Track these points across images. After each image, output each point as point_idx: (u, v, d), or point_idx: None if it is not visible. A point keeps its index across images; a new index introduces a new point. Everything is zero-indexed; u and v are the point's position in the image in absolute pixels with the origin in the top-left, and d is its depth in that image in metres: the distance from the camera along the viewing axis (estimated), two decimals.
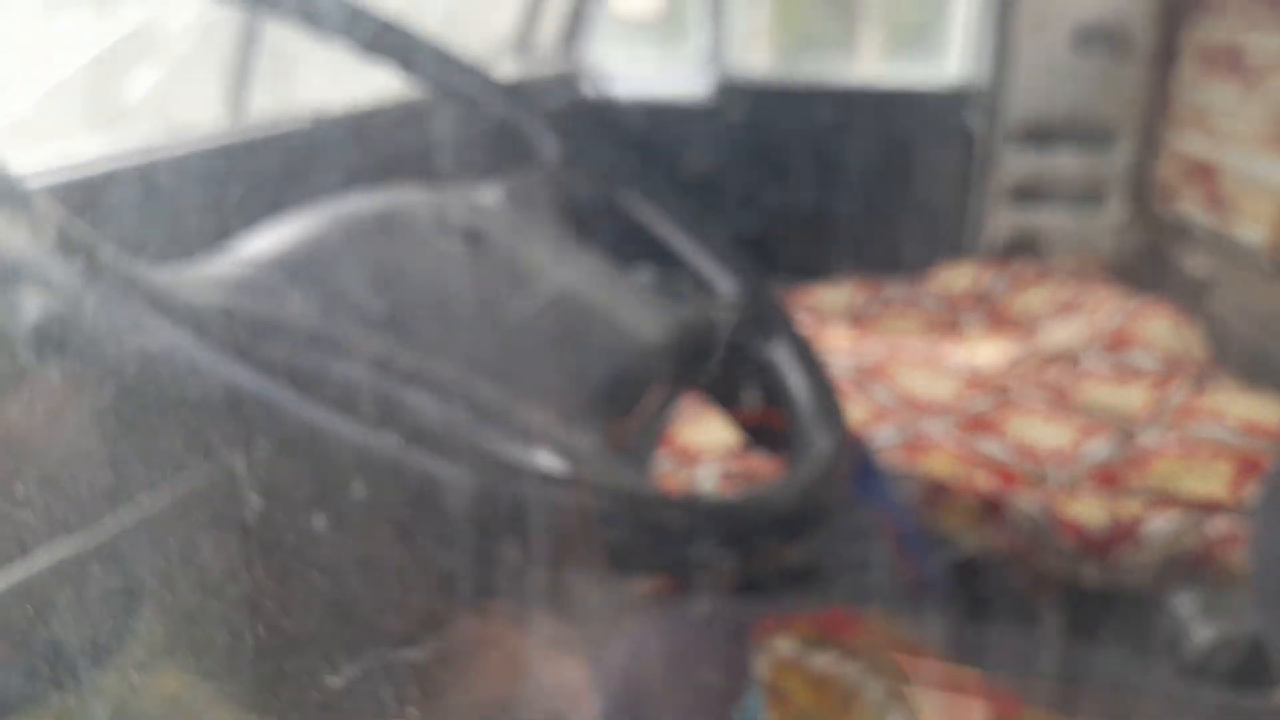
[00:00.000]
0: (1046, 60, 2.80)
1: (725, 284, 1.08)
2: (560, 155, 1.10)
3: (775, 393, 1.01)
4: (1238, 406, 1.91)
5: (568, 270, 0.87)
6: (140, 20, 1.64)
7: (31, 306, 0.50)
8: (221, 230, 1.09)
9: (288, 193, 1.30)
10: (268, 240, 0.71)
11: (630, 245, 1.08)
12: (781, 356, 1.03)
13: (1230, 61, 2.44)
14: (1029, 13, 2.78)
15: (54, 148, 1.13)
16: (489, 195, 0.92)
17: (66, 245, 0.43)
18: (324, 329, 0.60)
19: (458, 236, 0.80)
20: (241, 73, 1.64)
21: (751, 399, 1.05)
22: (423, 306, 0.71)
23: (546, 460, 0.63)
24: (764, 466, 1.46)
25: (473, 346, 0.71)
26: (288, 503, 0.50)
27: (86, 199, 1.03)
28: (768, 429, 1.04)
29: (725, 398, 1.10)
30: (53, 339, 0.44)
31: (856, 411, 1.91)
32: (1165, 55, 2.72)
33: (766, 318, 1.05)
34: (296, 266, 0.66)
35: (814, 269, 2.85)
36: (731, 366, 1.03)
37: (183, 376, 0.44)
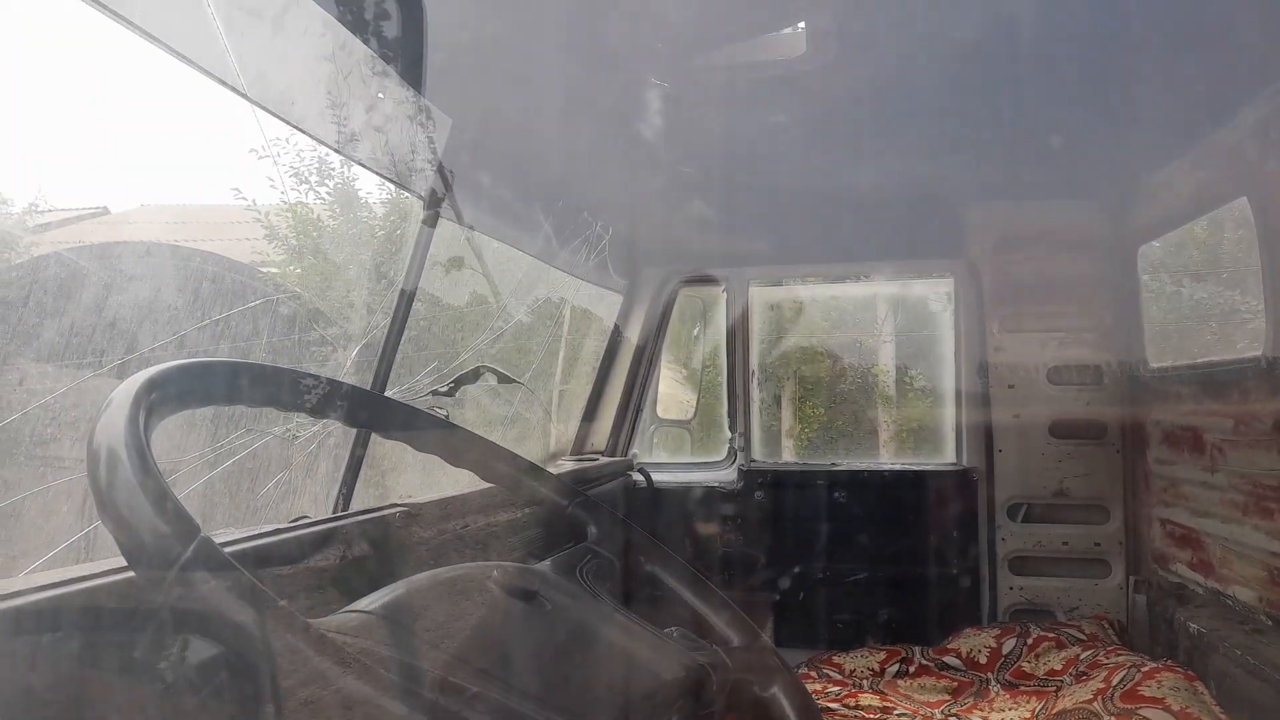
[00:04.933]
0: (1029, 447, 3.21)
1: (733, 637, 1.36)
2: (602, 534, 1.45)
3: None
4: None
5: (601, 622, 1.18)
6: (273, 435, 2.11)
7: (201, 648, 0.81)
8: (341, 591, 1.43)
9: (391, 559, 1.64)
10: (379, 599, 1.02)
11: (661, 606, 1.38)
12: (777, 695, 1.28)
13: (1192, 442, 2.78)
14: (1009, 411, 3.24)
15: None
16: (542, 565, 1.25)
17: (250, 597, 0.74)
18: (415, 663, 0.90)
19: (516, 595, 1.11)
20: (350, 473, 2.07)
21: None
22: (486, 647, 1.01)
23: None
24: None
25: (524, 677, 1.00)
26: None
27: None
28: None
29: None
30: (214, 670, 0.73)
31: None
32: (1136, 439, 3.11)
33: (766, 665, 1.32)
34: (400, 616, 0.98)
35: (839, 636, 3.07)
36: (736, 702, 1.27)
37: (326, 694, 0.74)
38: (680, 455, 3.73)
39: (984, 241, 3.24)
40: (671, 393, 3.85)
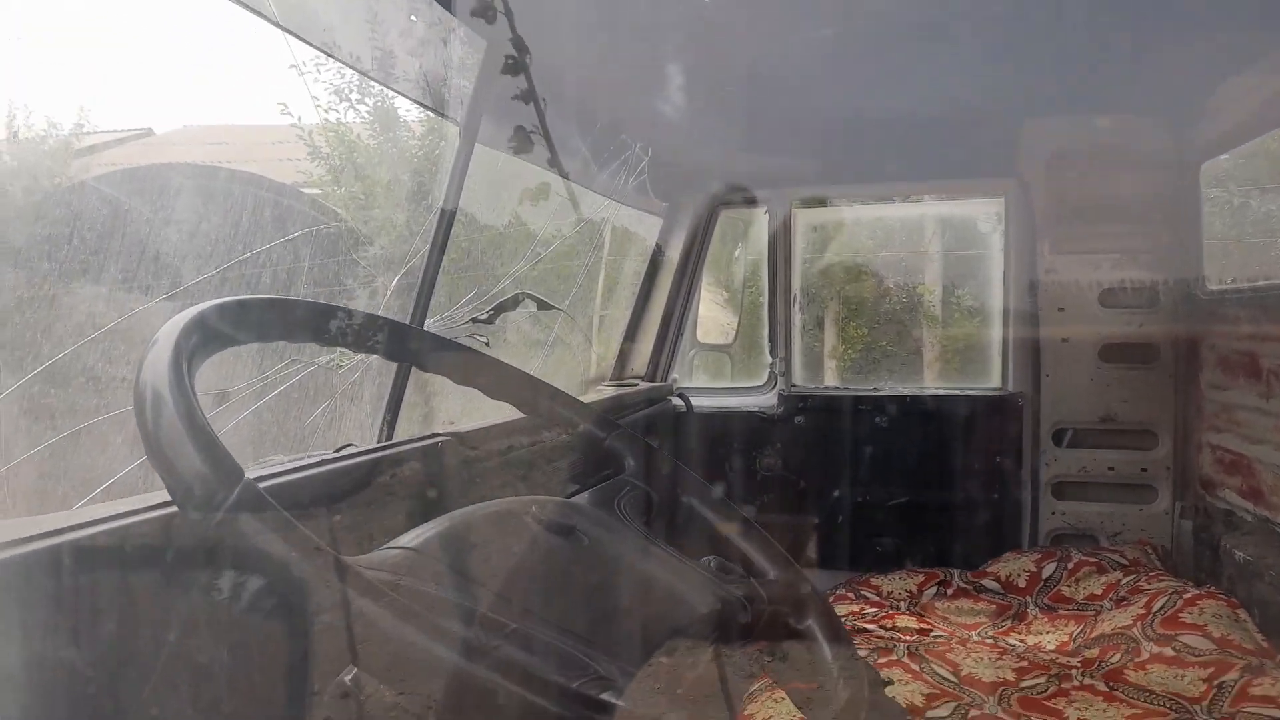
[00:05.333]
0: (1078, 372, 3.15)
1: (769, 569, 1.38)
2: (639, 467, 1.46)
3: (809, 654, 1.27)
4: None
5: (638, 556, 1.19)
6: (317, 365, 2.15)
7: (252, 583, 0.84)
8: (384, 520, 1.46)
9: (433, 489, 1.68)
10: (420, 535, 1.05)
11: (698, 536, 1.40)
12: (811, 627, 1.29)
13: (1248, 367, 2.71)
14: (1058, 334, 3.16)
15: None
16: (580, 498, 1.27)
17: (292, 538, 0.76)
18: (454, 599, 0.93)
19: (554, 530, 1.13)
20: (393, 403, 2.10)
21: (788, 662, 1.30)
22: (525, 582, 1.03)
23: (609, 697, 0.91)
24: None
25: (563, 612, 1.02)
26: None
27: (280, 496, 1.39)
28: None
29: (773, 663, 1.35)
30: (262, 608, 0.76)
31: (917, 690, 2.06)
32: (1190, 363, 3.03)
33: (801, 597, 1.33)
34: (439, 553, 1.00)
35: (878, 559, 3.10)
36: (771, 634, 1.29)
37: (366, 631, 0.76)
38: (720, 380, 3.72)
39: (1037, 159, 3.12)
40: (712, 316, 3.83)
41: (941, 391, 3.39)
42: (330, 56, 1.63)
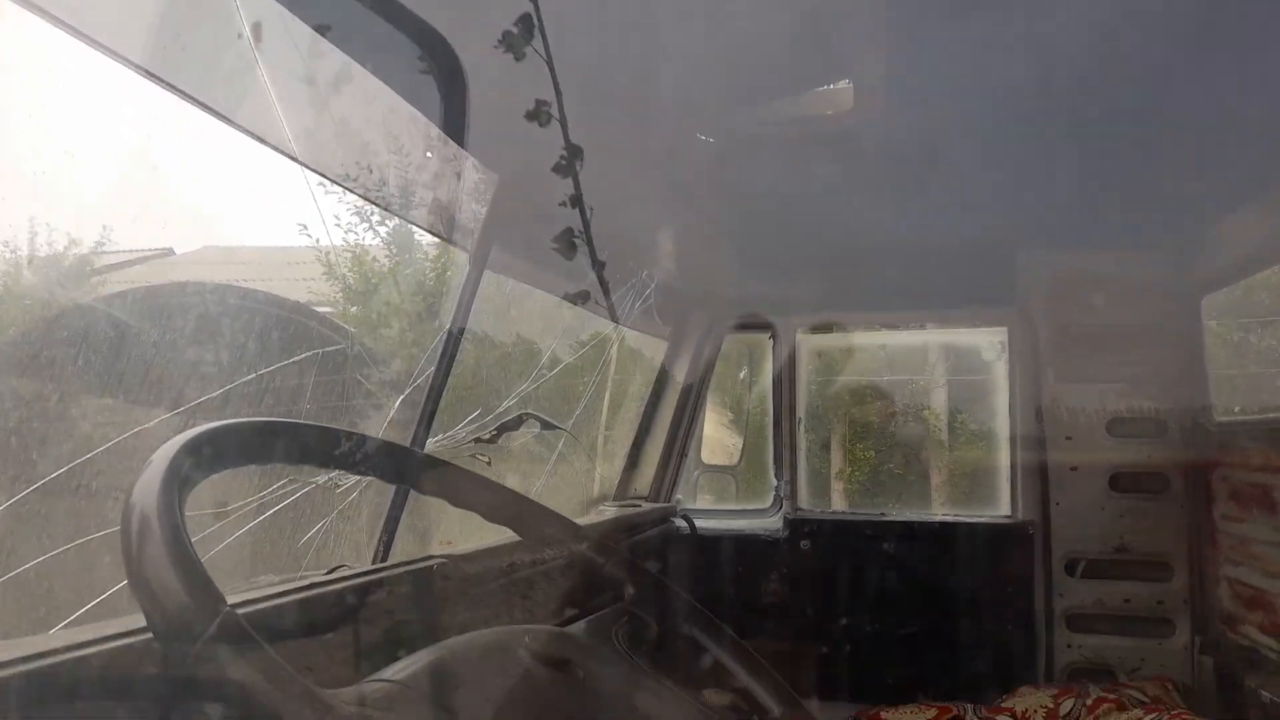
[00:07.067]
0: (1087, 500, 3.10)
1: (773, 706, 1.32)
2: (639, 595, 1.42)
3: None
4: None
5: (636, 691, 1.15)
6: (315, 484, 2.13)
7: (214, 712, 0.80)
8: (374, 647, 1.42)
9: (425, 614, 1.64)
10: (406, 667, 1.01)
11: (698, 667, 1.35)
12: None
13: (1261, 500, 2.66)
14: (1067, 462, 3.14)
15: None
16: (576, 629, 1.23)
17: (271, 674, 0.73)
18: None
19: (548, 663, 1.09)
20: (390, 522, 2.08)
21: None
22: (517, 719, 1.00)
23: None
24: None
25: None
26: None
27: (266, 623, 1.35)
28: None
29: None
30: None
31: None
32: (1202, 494, 2.98)
33: None
34: (426, 688, 0.97)
35: (888, 690, 2.97)
36: None
37: None
38: (725, 501, 3.68)
39: (1038, 290, 3.17)
40: (717, 437, 3.81)
41: (950, 519, 3.33)
42: (352, 192, 1.69)
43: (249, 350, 1.99)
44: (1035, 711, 2.78)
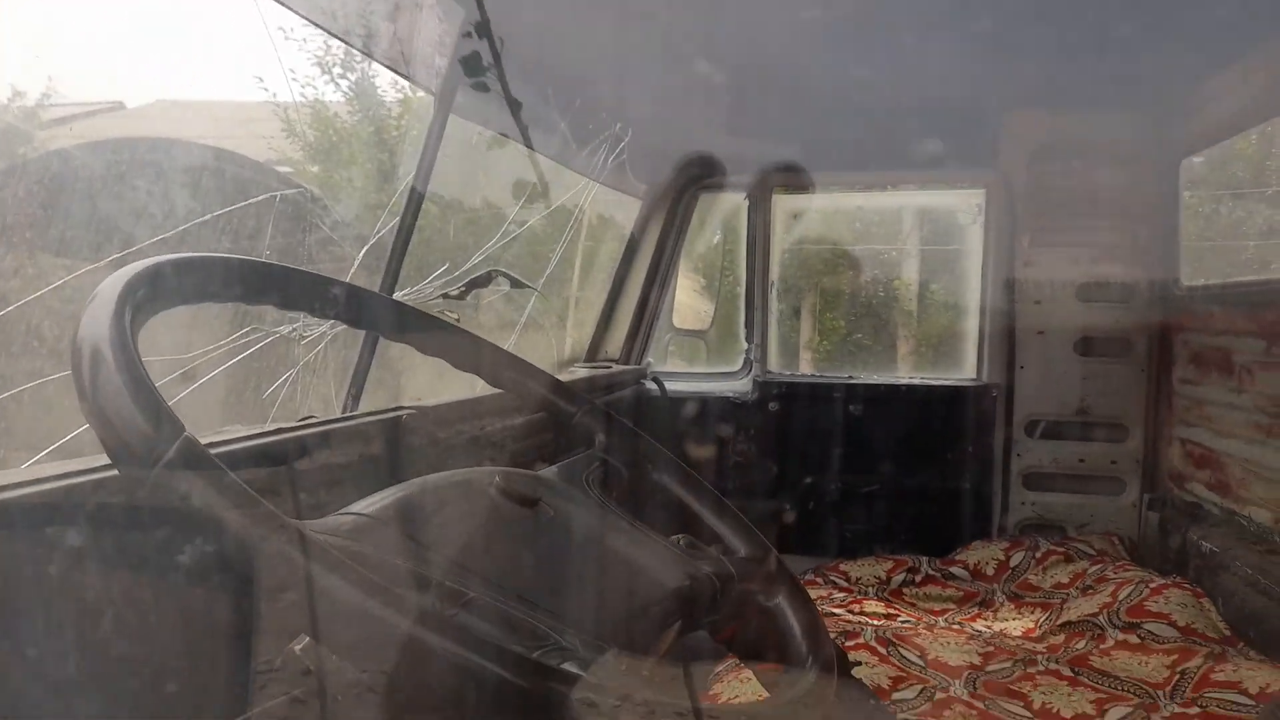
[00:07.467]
0: (1052, 364, 3.15)
1: (740, 547, 1.35)
2: (609, 442, 1.43)
3: (778, 633, 1.25)
4: (1255, 677, 2.00)
5: (605, 530, 1.16)
6: (279, 334, 2.10)
7: (192, 548, 0.80)
8: (341, 492, 1.42)
9: (395, 461, 1.64)
10: (376, 502, 1.01)
11: (667, 513, 1.37)
12: (781, 605, 1.27)
13: (1220, 363, 2.72)
14: (1034, 327, 3.17)
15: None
16: (547, 471, 1.24)
17: (235, 498, 0.72)
18: (408, 566, 0.89)
19: (518, 501, 1.10)
20: (358, 375, 2.06)
21: (759, 640, 1.28)
22: (486, 552, 1.00)
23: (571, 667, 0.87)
24: None
25: (524, 583, 0.99)
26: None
27: (233, 463, 1.35)
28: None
29: (740, 642, 1.33)
30: (200, 570, 0.71)
31: (884, 673, 2.06)
32: (1163, 358, 3.05)
33: (772, 575, 1.31)
34: (396, 520, 0.97)
35: (848, 546, 3.09)
36: (741, 612, 1.27)
37: (312, 597, 0.73)
38: (695, 365, 3.70)
39: (1018, 152, 3.12)
40: (688, 302, 3.80)
41: (915, 381, 3.39)
42: (310, 22, 1.58)
43: (205, 202, 1.90)
44: (987, 564, 2.91)
